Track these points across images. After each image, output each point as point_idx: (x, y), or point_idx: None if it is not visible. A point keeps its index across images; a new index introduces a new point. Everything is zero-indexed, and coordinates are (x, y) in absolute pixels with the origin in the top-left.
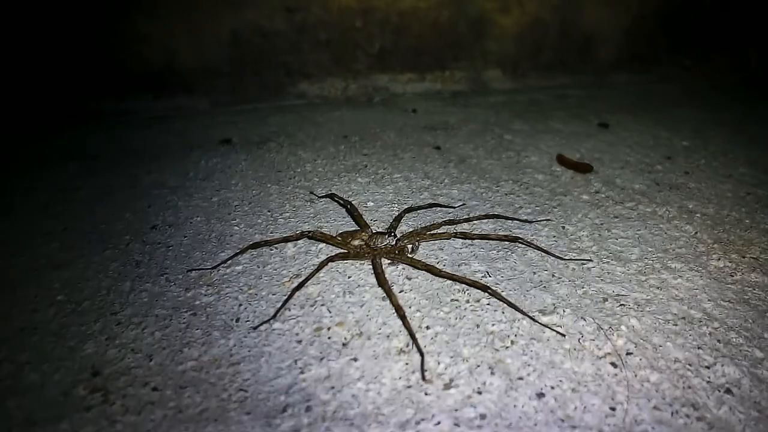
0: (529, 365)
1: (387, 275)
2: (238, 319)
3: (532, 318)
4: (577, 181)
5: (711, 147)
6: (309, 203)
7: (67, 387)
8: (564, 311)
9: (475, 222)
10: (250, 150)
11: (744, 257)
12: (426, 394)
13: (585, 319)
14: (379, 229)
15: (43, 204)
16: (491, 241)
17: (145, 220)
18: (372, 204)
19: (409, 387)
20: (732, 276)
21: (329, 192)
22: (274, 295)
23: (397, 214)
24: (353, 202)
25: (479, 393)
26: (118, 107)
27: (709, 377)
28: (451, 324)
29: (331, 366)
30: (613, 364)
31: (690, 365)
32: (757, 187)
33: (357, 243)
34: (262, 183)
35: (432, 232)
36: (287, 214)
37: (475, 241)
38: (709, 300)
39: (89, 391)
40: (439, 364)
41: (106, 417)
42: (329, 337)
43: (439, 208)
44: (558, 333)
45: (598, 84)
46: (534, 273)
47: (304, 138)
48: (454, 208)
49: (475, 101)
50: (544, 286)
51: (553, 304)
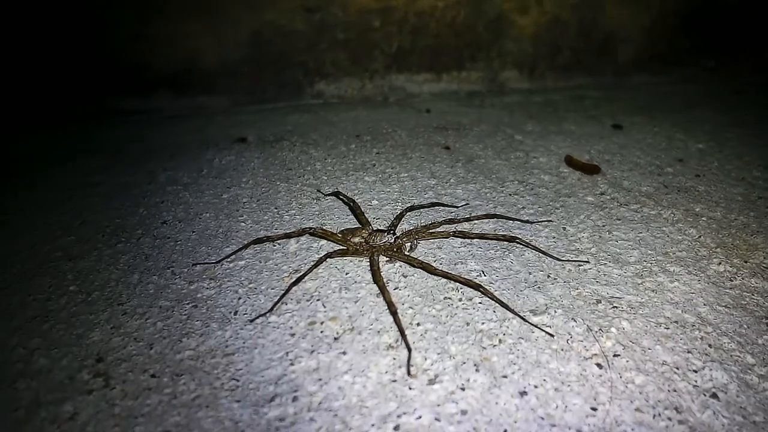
0: (514, 364)
1: (384, 272)
2: (236, 312)
3: (522, 317)
4: (584, 182)
5: (726, 150)
6: (315, 201)
7: (73, 372)
8: (555, 312)
9: (475, 222)
10: (263, 148)
11: (746, 262)
12: (410, 389)
13: (576, 320)
14: (380, 227)
15: (65, 198)
16: (490, 241)
17: (157, 215)
18: (376, 202)
19: (394, 381)
20: (731, 281)
21: (335, 190)
22: (273, 289)
23: (399, 212)
24: (358, 201)
25: (462, 389)
26: (141, 106)
27: (695, 381)
28: (441, 321)
29: (321, 359)
30: (599, 365)
31: (677, 369)
32: None
33: (357, 240)
34: (272, 181)
35: (431, 231)
36: (293, 212)
37: (474, 240)
38: (704, 304)
39: (92, 376)
40: (425, 360)
41: (105, 400)
42: (322, 331)
43: (441, 208)
44: (547, 333)
45: (617, 85)
46: (529, 273)
47: (317, 137)
48: (457, 207)
49: (490, 102)
50: (539, 287)
51: (546, 305)
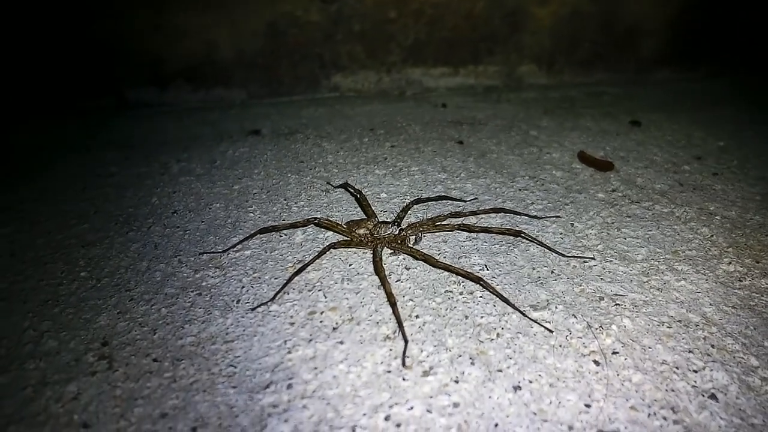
0: (510, 358)
1: (387, 264)
2: (239, 301)
3: (522, 312)
4: (596, 179)
5: (746, 148)
6: (324, 193)
7: (79, 354)
8: (556, 308)
9: (482, 216)
10: (277, 141)
11: (758, 262)
12: (404, 380)
13: (576, 317)
14: (386, 219)
15: (81, 188)
16: (495, 236)
17: (169, 205)
18: (385, 195)
19: (388, 372)
20: (741, 281)
21: (344, 181)
22: (276, 279)
23: (405, 205)
24: (368, 193)
25: (456, 382)
26: (158, 98)
27: (695, 381)
28: (440, 314)
29: (318, 348)
30: (596, 363)
31: (677, 368)
32: None
33: (362, 231)
34: (283, 173)
35: (436, 224)
36: (302, 203)
37: (479, 234)
38: (710, 304)
39: (97, 359)
40: (422, 351)
41: (108, 382)
42: (321, 321)
43: (449, 201)
44: (546, 329)
45: (637, 81)
46: (533, 268)
47: (331, 130)
48: (465, 201)
49: (507, 97)
50: (541, 282)
51: (547, 300)
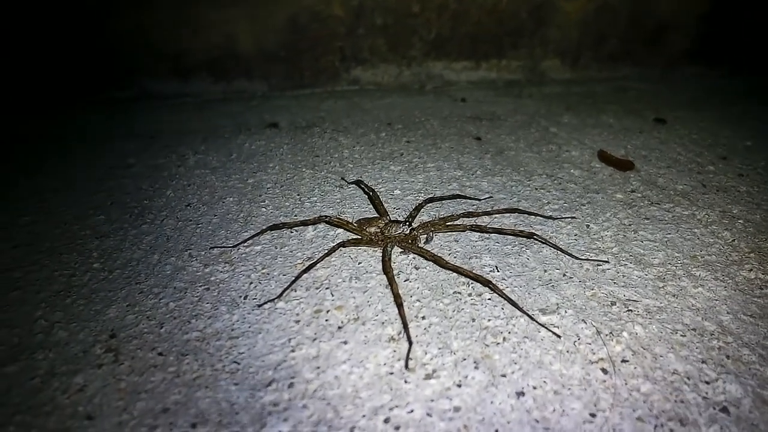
0: (515, 363)
1: (397, 263)
2: (246, 297)
3: (530, 316)
4: (615, 178)
5: None
6: (338, 189)
7: (87, 346)
8: (566, 312)
9: (496, 216)
10: (294, 134)
11: None
12: (406, 382)
13: (586, 322)
14: (397, 218)
15: (99, 179)
16: (507, 237)
17: (183, 198)
18: (399, 192)
19: (391, 374)
20: (761, 289)
21: (358, 178)
22: (285, 275)
23: (418, 203)
24: (381, 190)
25: (459, 386)
26: (180, 89)
27: (706, 393)
28: (447, 316)
29: (322, 347)
30: (604, 371)
31: (688, 379)
32: None
33: (372, 230)
34: (298, 167)
35: (448, 224)
36: (315, 199)
37: (491, 235)
38: (728, 312)
39: (104, 351)
40: (426, 354)
41: (113, 375)
42: (327, 320)
43: (463, 200)
44: (554, 333)
45: (665, 77)
46: (545, 271)
47: (348, 124)
48: (480, 200)
49: (529, 92)
50: (552, 285)
51: (557, 304)
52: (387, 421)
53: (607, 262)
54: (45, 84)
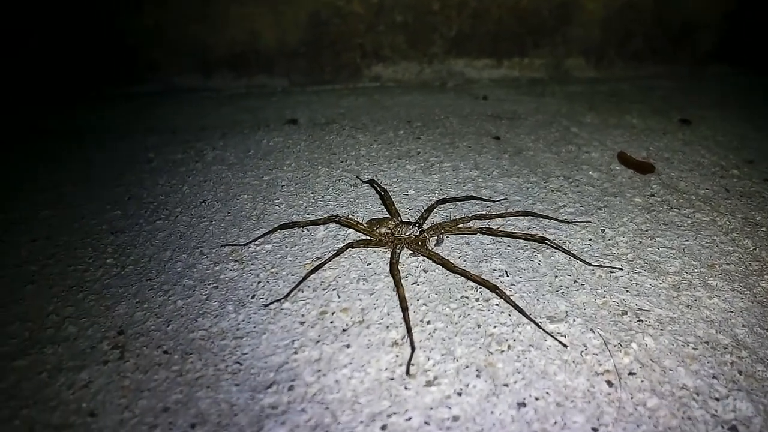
0: (519, 372)
1: (405, 266)
2: (253, 296)
3: (537, 324)
4: (635, 181)
5: None
6: (352, 187)
7: (95, 342)
8: (574, 320)
9: (509, 218)
10: (312, 131)
11: None
12: (406, 389)
13: (594, 332)
14: (409, 219)
15: (118, 173)
16: (519, 240)
17: (199, 194)
18: (413, 192)
19: (391, 379)
20: None
21: (371, 178)
22: (293, 275)
23: (429, 204)
24: (396, 190)
25: (459, 394)
26: (203, 84)
27: (715, 410)
28: (453, 321)
29: (324, 350)
30: (609, 383)
31: (697, 394)
32: None
33: (383, 231)
34: (314, 165)
35: (459, 226)
36: (328, 197)
37: (503, 238)
38: (744, 325)
39: (111, 347)
40: (428, 360)
41: (118, 372)
42: (331, 322)
43: (476, 201)
44: (560, 343)
45: (692, 76)
46: (555, 276)
47: (367, 121)
48: (494, 202)
49: (551, 90)
50: (562, 292)
51: (566, 312)
52: (384, 428)
53: (621, 269)
54: (70, 78)
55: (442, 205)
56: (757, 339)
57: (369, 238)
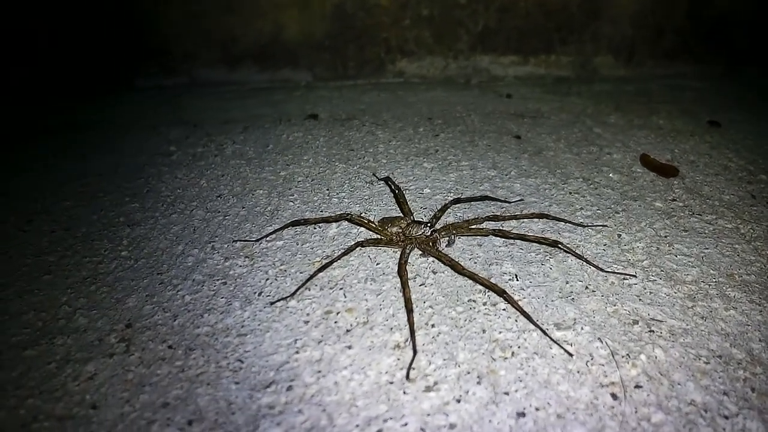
0: (520, 381)
1: (414, 266)
2: (260, 293)
3: (543, 331)
4: (657, 185)
5: None
6: (367, 185)
7: (103, 334)
8: (582, 328)
9: (523, 220)
10: (332, 126)
11: None
12: (404, 393)
13: (602, 341)
14: (421, 219)
15: (141, 165)
16: (532, 244)
17: (215, 188)
18: (428, 191)
19: (391, 383)
20: None
21: (387, 175)
22: (302, 273)
23: (443, 204)
24: (411, 188)
25: (458, 401)
26: (227, 77)
27: (723, 429)
28: (458, 325)
29: (326, 350)
30: (614, 396)
31: (706, 411)
32: None
33: (394, 230)
34: (331, 161)
35: (471, 227)
36: (343, 194)
37: (517, 241)
38: (760, 340)
39: (118, 341)
40: (429, 364)
41: (122, 365)
42: (336, 322)
43: (492, 201)
44: (566, 351)
45: (726, 75)
46: (566, 282)
47: (388, 118)
48: (509, 203)
49: (578, 89)
50: (572, 298)
51: (574, 319)
52: None
53: (635, 276)
54: (101, 70)
55: (456, 205)
56: None
57: (379, 237)
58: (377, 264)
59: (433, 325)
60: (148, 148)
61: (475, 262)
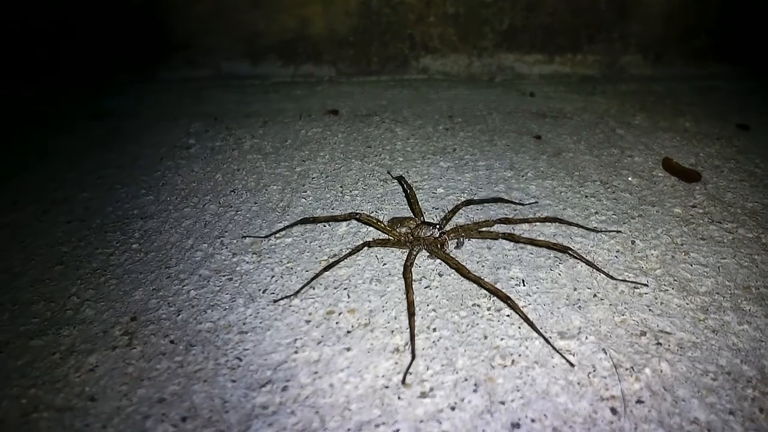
0: (518, 390)
1: (422, 268)
2: (265, 291)
3: (546, 339)
4: (677, 190)
5: None
6: (381, 183)
7: (108, 326)
8: (587, 338)
9: (535, 224)
10: (352, 123)
11: None
12: (399, 399)
13: (606, 352)
14: (432, 220)
15: (160, 158)
16: (542, 248)
17: (230, 183)
18: (441, 191)
19: (386, 387)
20: None
21: (400, 174)
22: (308, 271)
23: (454, 205)
24: (425, 187)
25: (452, 409)
26: (251, 71)
27: None
28: (460, 330)
29: (325, 351)
30: (614, 410)
31: (709, 431)
32: None
33: (403, 230)
34: (348, 158)
35: (480, 229)
36: (356, 192)
37: (527, 245)
38: None
39: (121, 333)
40: (427, 369)
41: (123, 359)
42: (337, 323)
43: (505, 203)
44: (567, 361)
45: (759, 76)
46: (575, 289)
47: (408, 115)
48: (523, 205)
49: (603, 88)
50: (579, 306)
51: (579, 328)
52: None
53: (646, 285)
54: (130, 64)
55: (468, 207)
56: None
57: (388, 237)
58: (384, 264)
59: (434, 329)
60: (168, 140)
61: (483, 266)
